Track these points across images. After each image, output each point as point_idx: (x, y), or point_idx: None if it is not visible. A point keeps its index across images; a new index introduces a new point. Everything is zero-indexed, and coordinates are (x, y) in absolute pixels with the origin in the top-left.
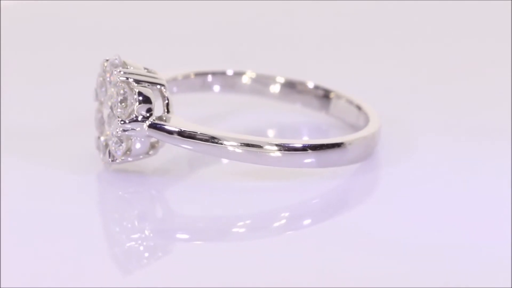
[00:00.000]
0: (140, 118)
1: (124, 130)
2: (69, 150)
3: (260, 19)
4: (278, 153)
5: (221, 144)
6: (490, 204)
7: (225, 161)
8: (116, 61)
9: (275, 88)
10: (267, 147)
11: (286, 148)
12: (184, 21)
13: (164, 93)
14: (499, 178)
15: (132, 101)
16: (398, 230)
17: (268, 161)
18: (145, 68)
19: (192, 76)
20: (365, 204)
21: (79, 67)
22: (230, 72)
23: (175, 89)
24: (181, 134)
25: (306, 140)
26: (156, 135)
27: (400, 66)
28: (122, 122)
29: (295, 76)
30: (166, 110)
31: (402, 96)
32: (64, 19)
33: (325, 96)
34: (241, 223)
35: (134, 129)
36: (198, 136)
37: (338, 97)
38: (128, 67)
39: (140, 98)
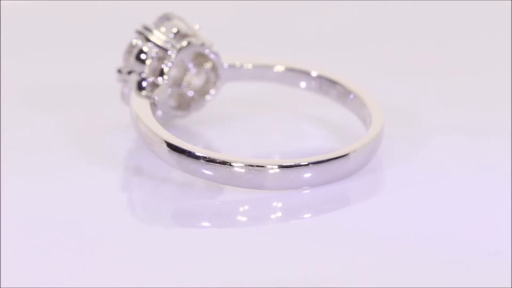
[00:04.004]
0: (133, 73)
1: (119, 76)
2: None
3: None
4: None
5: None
6: (494, 206)
7: None
8: (166, 15)
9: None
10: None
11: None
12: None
13: (165, 60)
14: (503, 179)
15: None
16: (398, 230)
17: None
18: (189, 30)
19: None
20: (366, 204)
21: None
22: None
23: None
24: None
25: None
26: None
27: (402, 65)
28: (118, 70)
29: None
30: (158, 76)
31: (404, 95)
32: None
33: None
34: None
35: (123, 80)
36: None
37: (346, 89)
38: (161, 27)
39: (136, 54)
